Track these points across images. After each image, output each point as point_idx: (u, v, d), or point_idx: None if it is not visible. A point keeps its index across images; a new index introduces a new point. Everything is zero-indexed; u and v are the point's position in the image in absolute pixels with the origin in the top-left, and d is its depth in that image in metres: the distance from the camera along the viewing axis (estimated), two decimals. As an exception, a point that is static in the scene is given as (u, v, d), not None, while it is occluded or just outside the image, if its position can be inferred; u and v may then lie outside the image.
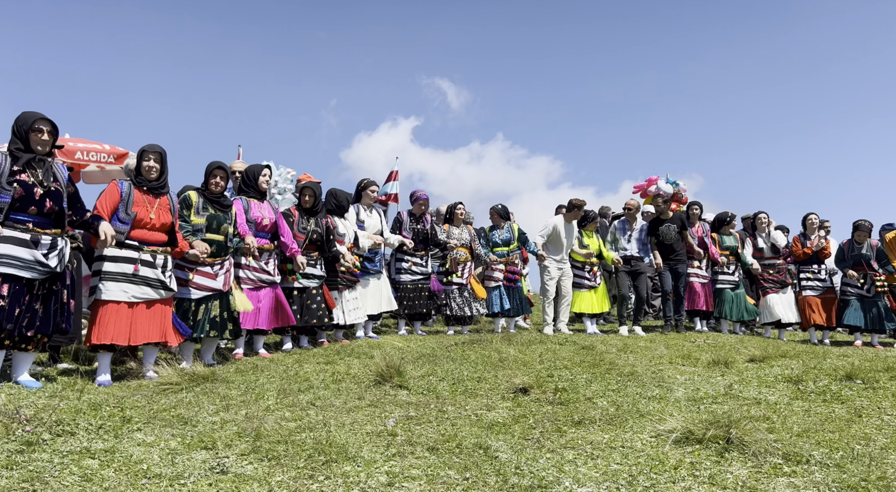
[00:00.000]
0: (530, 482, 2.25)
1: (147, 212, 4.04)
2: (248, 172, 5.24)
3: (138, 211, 4.00)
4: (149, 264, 4.02)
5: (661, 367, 4.97)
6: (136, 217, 3.99)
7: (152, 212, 4.07)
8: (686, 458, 2.55)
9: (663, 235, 7.66)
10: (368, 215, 6.59)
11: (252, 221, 5.03)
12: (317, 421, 3.01)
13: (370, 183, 6.64)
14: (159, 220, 4.10)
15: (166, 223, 4.15)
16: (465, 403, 3.53)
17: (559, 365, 4.90)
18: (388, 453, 2.56)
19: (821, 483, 2.28)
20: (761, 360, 5.25)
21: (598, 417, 3.19)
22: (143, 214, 4.02)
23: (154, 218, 4.07)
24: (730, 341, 6.77)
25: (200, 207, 4.58)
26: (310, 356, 5.11)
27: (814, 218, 7.90)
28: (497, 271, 7.41)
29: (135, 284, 3.95)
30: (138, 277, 3.96)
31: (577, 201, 7.64)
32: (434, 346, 5.92)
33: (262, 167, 5.23)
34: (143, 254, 4.00)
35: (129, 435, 2.68)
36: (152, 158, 4.14)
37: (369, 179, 6.66)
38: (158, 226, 4.10)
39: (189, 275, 4.40)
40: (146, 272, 4.00)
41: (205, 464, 2.34)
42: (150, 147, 4.16)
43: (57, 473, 2.18)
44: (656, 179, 10.55)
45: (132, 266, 3.94)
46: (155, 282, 4.03)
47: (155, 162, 4.13)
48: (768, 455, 2.55)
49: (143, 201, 4.04)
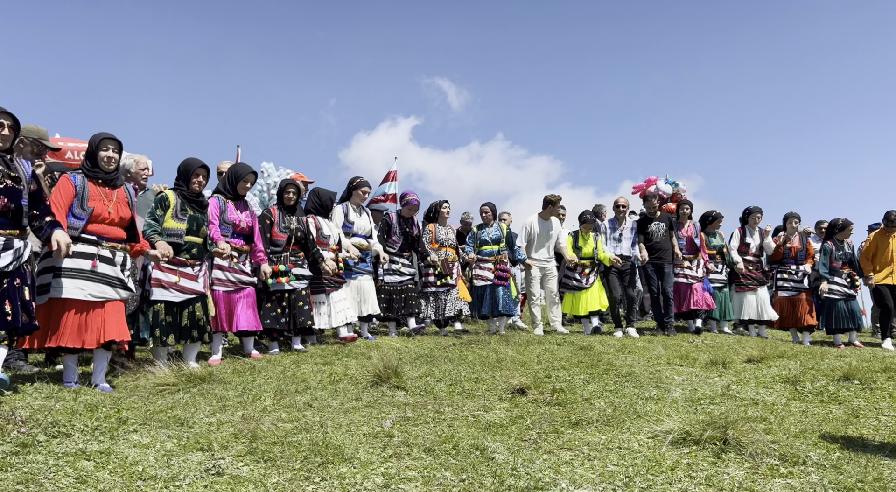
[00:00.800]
0: (527, 484, 2.25)
1: (105, 206, 3.77)
2: (232, 172, 5.02)
3: (95, 205, 3.73)
4: (108, 261, 3.75)
5: (658, 367, 4.97)
6: (94, 212, 3.71)
7: (110, 206, 3.80)
8: (683, 459, 2.55)
9: (652, 233, 7.64)
10: (358, 216, 6.45)
11: (229, 223, 4.85)
12: (314, 422, 3.00)
13: (362, 183, 6.48)
14: (118, 214, 3.84)
15: (125, 218, 3.89)
16: (463, 404, 3.53)
17: (557, 366, 4.90)
18: (384, 454, 2.55)
19: (817, 484, 2.28)
20: (759, 360, 5.24)
21: (595, 417, 3.19)
22: (100, 209, 3.75)
23: (113, 212, 3.80)
24: (728, 342, 6.77)
25: (179, 209, 4.39)
26: (307, 357, 5.11)
27: (795, 221, 7.99)
28: (486, 270, 7.32)
29: (92, 282, 3.66)
30: (96, 275, 3.68)
31: (552, 197, 7.59)
32: (432, 347, 5.91)
33: (248, 171, 5.01)
34: (101, 249, 3.74)
35: (124, 436, 2.67)
36: (111, 148, 3.85)
37: (362, 178, 6.52)
38: (117, 221, 3.85)
39: (175, 277, 4.27)
40: (105, 269, 3.72)
41: (200, 465, 2.34)
42: (107, 135, 3.86)
43: (52, 474, 2.18)
44: (655, 179, 10.55)
45: (90, 262, 3.66)
46: (114, 280, 3.76)
47: (114, 152, 3.86)
48: (765, 456, 2.55)
49: (99, 195, 3.77)
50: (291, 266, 5.41)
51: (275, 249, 5.39)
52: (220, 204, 4.84)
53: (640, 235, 7.70)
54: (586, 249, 7.64)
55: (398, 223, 6.83)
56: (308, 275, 5.56)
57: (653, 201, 7.87)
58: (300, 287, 5.46)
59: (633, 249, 7.66)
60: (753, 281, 7.94)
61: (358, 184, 6.46)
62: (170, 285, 4.26)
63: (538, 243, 7.53)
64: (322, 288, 5.76)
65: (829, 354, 5.94)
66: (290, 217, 5.53)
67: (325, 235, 5.88)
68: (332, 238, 5.97)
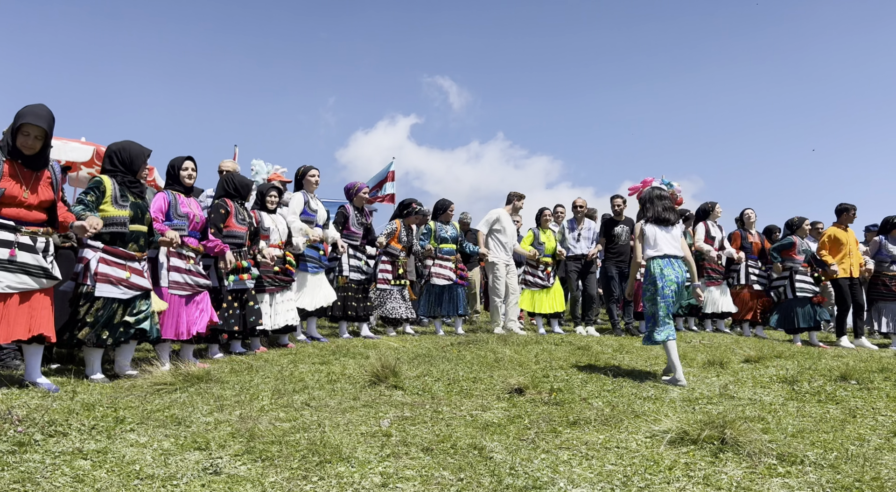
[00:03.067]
0: (525, 483, 2.25)
1: (21, 189, 3.40)
2: (172, 164, 4.61)
3: (11, 187, 3.35)
4: (28, 248, 3.40)
5: (656, 367, 4.97)
6: (8, 193, 3.34)
7: (28, 188, 3.42)
8: (681, 458, 2.55)
9: (616, 236, 7.64)
10: (318, 205, 6.21)
11: (183, 216, 4.46)
12: (311, 422, 3.00)
13: (308, 168, 6.23)
14: (37, 197, 3.46)
15: (47, 200, 3.52)
16: (461, 403, 3.53)
17: (555, 365, 4.90)
18: (382, 453, 2.55)
19: (815, 484, 2.28)
20: (756, 360, 5.25)
21: (593, 417, 3.19)
22: (16, 191, 3.37)
23: (30, 195, 3.42)
24: (725, 342, 6.78)
25: (119, 196, 3.95)
26: (304, 357, 5.10)
27: (750, 213, 8.22)
28: (447, 269, 7.18)
29: (10, 273, 3.32)
30: (15, 264, 3.34)
31: (516, 193, 7.56)
32: (430, 346, 5.91)
33: (183, 159, 4.59)
34: (20, 236, 3.37)
35: (121, 436, 2.66)
36: (32, 135, 3.42)
37: (306, 165, 6.27)
38: (37, 203, 3.47)
39: (126, 273, 3.88)
40: (25, 258, 3.37)
41: (198, 465, 2.33)
42: (35, 121, 3.40)
43: (49, 474, 2.17)
44: (651, 180, 10.55)
45: (7, 251, 3.31)
46: (35, 269, 3.41)
47: (36, 139, 3.43)
48: (763, 456, 2.55)
49: (16, 175, 3.40)
50: (253, 263, 5.11)
51: (234, 242, 5.01)
52: (169, 198, 4.44)
53: (604, 236, 7.70)
54: (549, 244, 7.57)
55: (354, 214, 6.60)
56: (256, 273, 5.21)
57: (618, 202, 7.82)
58: (251, 286, 5.14)
59: (591, 248, 7.66)
60: (719, 275, 8.03)
61: (304, 170, 6.24)
62: (118, 281, 3.86)
63: (507, 241, 7.37)
64: (263, 287, 5.37)
65: (826, 355, 5.95)
66: (244, 210, 5.17)
67: (265, 228, 5.46)
68: (276, 232, 5.58)
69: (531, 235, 7.66)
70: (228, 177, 5.27)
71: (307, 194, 6.18)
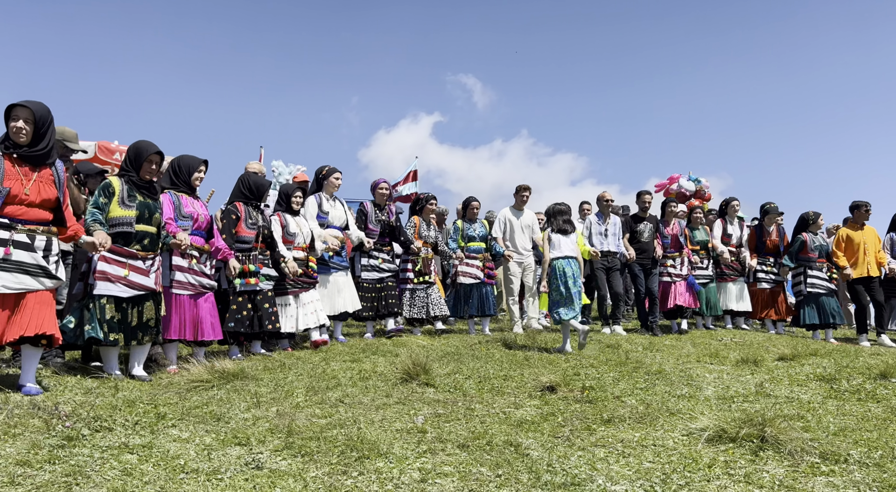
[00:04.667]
0: (563, 480, 2.25)
1: (22, 186, 3.30)
2: (180, 164, 4.52)
3: (10, 185, 3.26)
4: (25, 246, 3.30)
5: (688, 365, 4.92)
6: (9, 193, 3.25)
7: (28, 186, 3.33)
8: (720, 456, 2.53)
9: (639, 233, 7.51)
10: (332, 206, 6.13)
11: (187, 217, 4.38)
12: (346, 418, 3.03)
13: (332, 170, 6.17)
14: (39, 195, 3.38)
15: (49, 199, 3.43)
16: (493, 401, 3.53)
17: (585, 364, 4.88)
18: (418, 449, 2.57)
19: (861, 482, 2.24)
20: (791, 358, 5.17)
21: (627, 415, 3.17)
22: (16, 189, 3.29)
23: (30, 193, 3.33)
24: (758, 340, 6.68)
25: (126, 196, 3.94)
26: (335, 355, 5.15)
27: (773, 207, 8.01)
28: (474, 268, 7.06)
29: (7, 272, 3.23)
30: (10, 263, 3.24)
31: (521, 185, 7.41)
32: (458, 344, 5.92)
33: (199, 162, 4.57)
34: (16, 234, 3.28)
35: (164, 431, 2.73)
36: (21, 118, 3.31)
37: (330, 166, 6.20)
38: (38, 202, 3.38)
39: (124, 270, 3.86)
40: (21, 256, 3.27)
41: (240, 459, 2.38)
42: (21, 103, 3.33)
43: (98, 467, 2.23)
44: (678, 177, 10.43)
45: (2, 249, 3.22)
46: (34, 268, 3.32)
47: (25, 122, 3.32)
48: (805, 454, 2.51)
49: (15, 173, 3.30)
50: (261, 266, 5.06)
51: (242, 247, 5.00)
52: (173, 198, 4.37)
53: (627, 233, 7.57)
54: None
55: (374, 212, 6.53)
56: (274, 275, 5.22)
57: (647, 198, 7.69)
58: (266, 288, 5.11)
59: (619, 245, 7.48)
60: (734, 272, 7.97)
61: (327, 172, 6.16)
62: (117, 279, 3.84)
63: (514, 237, 7.30)
64: (286, 290, 5.37)
65: (863, 352, 5.83)
66: (256, 213, 5.16)
67: (290, 233, 5.44)
68: (300, 236, 5.54)
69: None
70: (244, 177, 5.26)
71: (321, 196, 6.09)
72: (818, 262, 7.42)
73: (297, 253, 5.44)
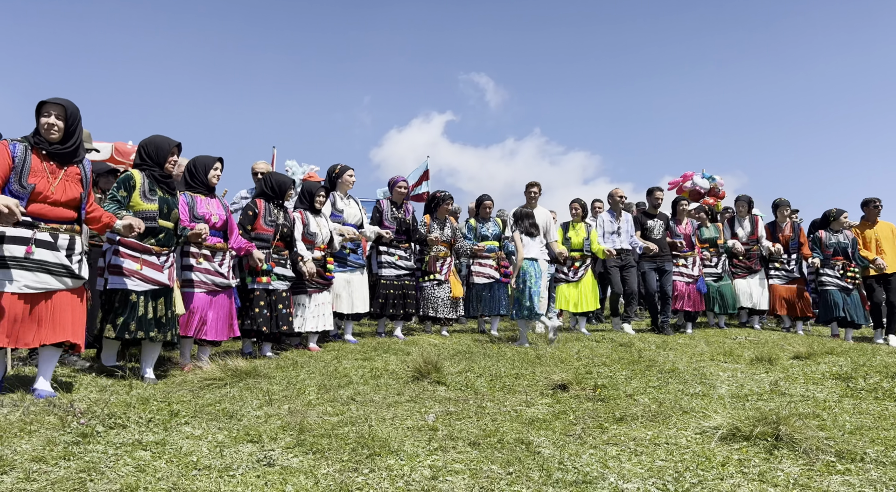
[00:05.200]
0: (574, 477, 2.24)
1: (48, 184, 3.24)
2: (196, 164, 4.49)
3: (37, 182, 3.20)
4: (48, 245, 3.23)
5: (702, 364, 4.88)
6: (34, 190, 3.19)
7: (55, 184, 3.27)
8: (733, 455, 2.50)
9: (649, 230, 7.41)
10: (346, 205, 6.10)
11: (199, 218, 4.31)
12: (358, 416, 3.04)
13: (345, 168, 6.14)
14: (65, 194, 3.31)
15: (75, 198, 3.37)
16: (504, 399, 3.52)
17: (597, 362, 4.85)
18: (430, 447, 2.57)
19: (877, 481, 2.21)
20: (807, 357, 5.11)
21: (639, 413, 3.15)
22: (42, 186, 3.22)
23: (56, 191, 3.27)
24: (772, 338, 6.61)
25: (148, 190, 3.90)
26: (347, 353, 5.16)
27: (785, 209, 8.00)
28: (488, 267, 6.97)
29: (29, 271, 3.16)
30: (33, 262, 3.17)
31: (529, 182, 7.30)
32: (469, 343, 5.92)
33: (213, 160, 4.51)
34: (38, 232, 3.21)
35: (177, 428, 2.75)
36: (53, 114, 3.27)
37: (342, 164, 6.19)
38: (64, 200, 3.31)
39: (137, 265, 3.81)
40: (44, 255, 3.20)
41: (252, 457, 2.39)
42: (50, 99, 3.28)
43: (112, 463, 2.25)
44: (692, 174, 10.34)
45: (24, 248, 3.15)
46: (57, 267, 3.25)
47: (57, 119, 3.27)
48: (820, 453, 2.48)
49: (42, 170, 3.24)
50: (273, 265, 4.98)
51: (259, 245, 4.89)
52: (187, 200, 4.31)
53: (637, 230, 7.47)
54: (576, 239, 7.30)
55: (389, 209, 6.47)
56: (290, 276, 5.13)
57: (659, 195, 7.59)
58: (281, 288, 5.04)
59: (632, 242, 7.33)
60: (743, 269, 7.89)
61: (340, 170, 6.13)
62: (130, 273, 3.80)
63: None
64: (304, 289, 5.34)
65: (881, 351, 5.75)
66: (276, 210, 5.10)
67: (311, 233, 5.37)
68: (320, 236, 5.49)
69: (560, 231, 7.48)
70: (267, 176, 5.26)
71: (335, 195, 6.06)
72: (833, 259, 7.34)
73: (316, 253, 5.42)
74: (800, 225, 8.24)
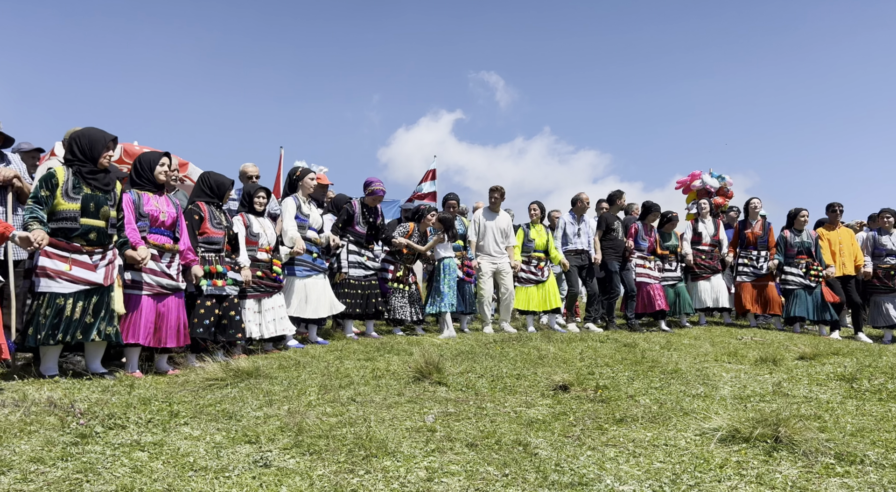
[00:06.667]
0: (570, 479, 2.23)
1: None
2: (142, 160, 4.32)
3: None
4: None
5: (705, 364, 4.85)
6: None
7: None
8: (732, 457, 2.48)
9: (615, 231, 7.67)
10: (311, 209, 5.97)
11: (146, 216, 4.15)
12: (357, 416, 3.04)
13: (306, 170, 5.99)
14: None
15: None
16: (505, 400, 3.52)
17: (600, 363, 4.84)
18: (427, 448, 2.56)
19: (876, 484, 2.18)
20: (812, 358, 5.07)
21: (640, 415, 3.13)
22: None
23: None
24: (778, 339, 6.57)
25: (71, 188, 3.74)
26: (350, 353, 5.17)
27: (756, 202, 8.28)
28: None
29: None
30: None
31: (492, 187, 7.38)
32: (472, 343, 5.91)
33: (159, 156, 4.32)
34: None
35: (176, 429, 2.76)
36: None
37: (304, 166, 6.06)
38: None
39: (65, 265, 3.68)
40: None
41: (248, 457, 2.39)
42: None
43: (109, 464, 2.26)
44: (700, 174, 10.31)
45: None
46: None
47: None
48: (819, 455, 2.46)
49: None
50: (228, 268, 4.78)
51: (210, 248, 4.72)
52: (133, 197, 4.15)
53: (600, 230, 7.70)
54: (539, 241, 7.42)
55: (361, 212, 6.40)
56: (240, 279, 4.91)
57: (623, 198, 8.01)
58: (233, 294, 4.81)
59: (591, 244, 7.63)
60: (707, 270, 8.19)
61: (301, 173, 5.94)
62: (57, 274, 3.67)
63: (489, 238, 7.24)
64: (246, 293, 5.06)
65: (887, 352, 5.70)
66: (219, 213, 4.86)
67: (253, 234, 5.16)
68: (264, 238, 5.26)
69: (521, 233, 7.52)
70: (205, 175, 5.00)
71: (299, 198, 5.88)
72: (798, 258, 7.64)
73: (261, 255, 5.21)
74: (769, 224, 8.47)
